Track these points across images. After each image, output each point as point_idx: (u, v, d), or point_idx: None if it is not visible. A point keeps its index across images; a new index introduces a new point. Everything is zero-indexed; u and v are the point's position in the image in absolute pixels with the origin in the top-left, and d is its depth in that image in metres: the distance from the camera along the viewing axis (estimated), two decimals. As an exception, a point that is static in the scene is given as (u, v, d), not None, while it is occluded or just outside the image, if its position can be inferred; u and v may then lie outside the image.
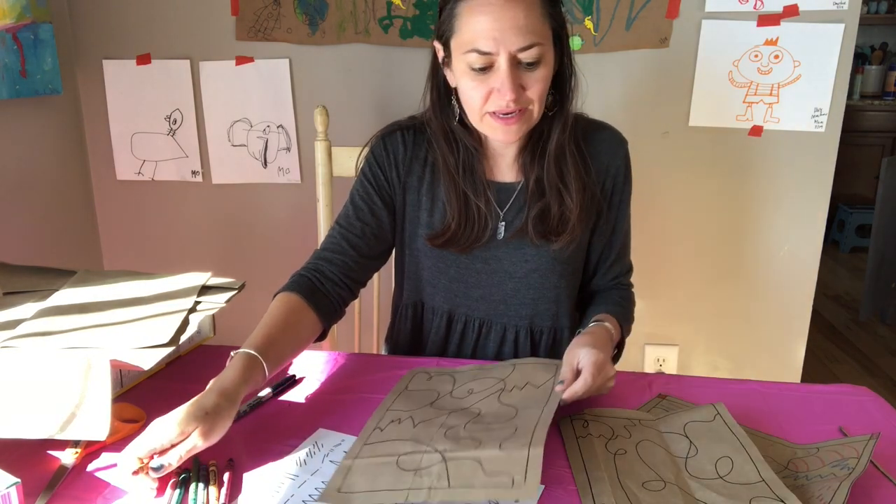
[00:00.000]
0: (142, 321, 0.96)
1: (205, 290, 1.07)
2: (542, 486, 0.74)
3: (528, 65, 0.94)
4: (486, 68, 0.94)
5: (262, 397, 0.93)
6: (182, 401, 0.78)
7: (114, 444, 0.82)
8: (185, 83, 1.79)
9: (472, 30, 0.93)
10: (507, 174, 1.10)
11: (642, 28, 1.65)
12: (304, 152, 1.82)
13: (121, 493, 0.74)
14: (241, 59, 1.76)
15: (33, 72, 1.61)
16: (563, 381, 0.88)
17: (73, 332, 0.92)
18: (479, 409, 0.88)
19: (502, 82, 0.94)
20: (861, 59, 4.56)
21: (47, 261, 1.25)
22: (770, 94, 1.66)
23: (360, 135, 1.28)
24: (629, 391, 0.97)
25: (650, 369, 1.90)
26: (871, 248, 3.13)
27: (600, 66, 1.69)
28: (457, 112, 1.06)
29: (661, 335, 1.88)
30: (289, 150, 1.82)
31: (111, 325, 0.95)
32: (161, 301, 1.03)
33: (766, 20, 1.62)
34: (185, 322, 0.97)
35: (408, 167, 1.11)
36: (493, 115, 0.98)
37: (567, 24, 1.01)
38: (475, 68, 0.95)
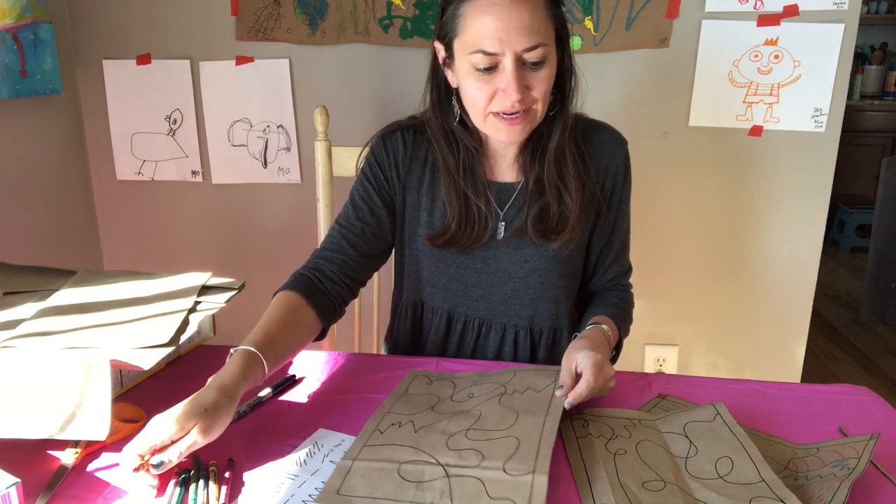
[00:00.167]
0: (142, 321, 0.96)
1: (205, 290, 1.07)
2: None
3: (533, 65, 0.94)
4: (491, 69, 0.94)
5: (262, 397, 0.93)
6: (182, 401, 0.78)
7: (114, 444, 0.82)
8: (185, 83, 1.79)
9: (478, 30, 0.93)
10: (507, 174, 1.10)
11: (642, 28, 1.65)
12: (304, 152, 1.82)
13: (121, 493, 0.74)
14: (241, 59, 1.76)
15: (33, 72, 1.61)
16: (563, 386, 0.88)
17: (73, 332, 0.92)
18: (480, 411, 0.88)
19: (508, 83, 0.94)
20: (861, 59, 4.56)
21: (47, 261, 1.25)
22: (770, 94, 1.66)
23: (360, 135, 1.28)
24: (629, 391, 0.97)
25: (650, 369, 1.90)
26: (871, 248, 3.13)
27: (600, 66, 1.69)
28: (457, 112, 1.06)
29: (661, 335, 1.88)
30: (289, 150, 1.82)
31: (111, 325, 0.95)
32: (161, 301, 1.03)
33: (766, 20, 1.62)
34: (185, 322, 0.97)
35: (408, 167, 1.11)
36: (497, 115, 0.98)
37: (568, 23, 1.01)
38: (480, 69, 0.95)
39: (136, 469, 0.72)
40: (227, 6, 1.73)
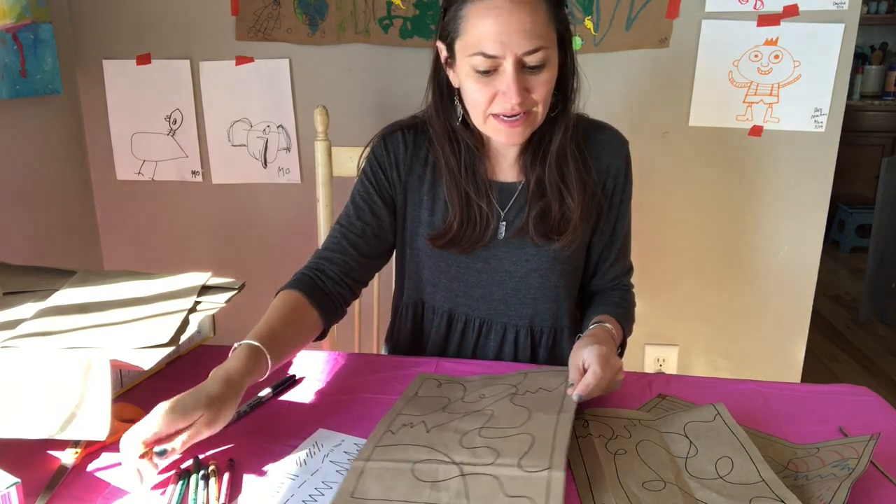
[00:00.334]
0: (142, 321, 0.96)
1: (205, 290, 1.07)
2: None
3: (533, 68, 0.94)
4: (491, 71, 0.94)
5: (262, 397, 0.93)
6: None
7: (114, 444, 0.81)
8: (185, 83, 1.79)
9: (479, 32, 0.93)
10: (509, 174, 1.10)
11: (642, 28, 1.65)
12: (304, 152, 1.82)
13: (121, 492, 0.74)
14: (241, 59, 1.76)
15: (33, 72, 1.61)
16: (573, 385, 0.87)
17: (73, 332, 0.92)
18: (492, 410, 0.87)
19: (508, 85, 0.93)
20: (861, 59, 4.56)
21: (47, 261, 1.25)
22: (770, 94, 1.66)
23: (360, 135, 1.28)
24: (629, 391, 0.96)
25: (650, 369, 1.90)
26: (871, 248, 3.13)
27: (600, 66, 1.69)
28: (459, 112, 1.06)
29: (661, 335, 1.88)
30: (289, 150, 1.82)
31: (111, 325, 0.95)
32: (161, 301, 1.03)
33: (766, 20, 1.62)
34: (185, 322, 0.97)
35: (409, 166, 1.11)
36: (497, 117, 0.98)
37: (570, 26, 1.01)
38: (480, 71, 0.95)
39: (141, 456, 0.72)
40: (227, 6, 1.73)
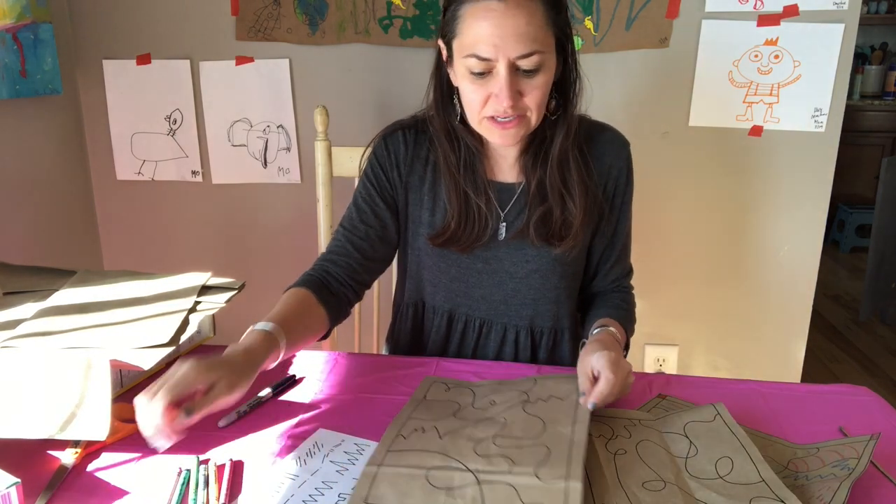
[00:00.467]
0: (142, 321, 0.96)
1: (205, 290, 1.07)
2: None
3: (528, 72, 0.94)
4: (486, 73, 0.94)
5: (262, 397, 0.93)
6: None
7: (114, 444, 0.82)
8: (185, 83, 1.79)
9: (474, 34, 0.93)
10: (509, 174, 1.10)
11: (642, 28, 1.65)
12: (304, 152, 1.82)
13: (121, 493, 0.74)
14: (241, 59, 1.76)
15: (33, 72, 1.61)
16: (584, 393, 0.87)
17: (73, 332, 0.92)
18: (505, 418, 0.86)
19: (500, 89, 0.93)
20: (861, 59, 4.56)
21: (47, 261, 1.25)
22: (770, 94, 1.66)
23: (360, 135, 1.28)
24: (629, 391, 0.96)
25: (650, 369, 1.90)
26: (871, 248, 3.13)
27: (600, 66, 1.68)
28: (459, 111, 1.06)
29: (661, 335, 1.88)
30: (289, 150, 1.82)
31: (111, 325, 0.95)
32: (161, 301, 1.03)
33: (766, 20, 1.62)
34: (185, 322, 0.97)
35: (409, 166, 1.11)
36: (490, 119, 0.98)
37: (571, 30, 1.00)
38: (474, 73, 0.95)
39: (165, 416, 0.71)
40: (227, 6, 1.73)
